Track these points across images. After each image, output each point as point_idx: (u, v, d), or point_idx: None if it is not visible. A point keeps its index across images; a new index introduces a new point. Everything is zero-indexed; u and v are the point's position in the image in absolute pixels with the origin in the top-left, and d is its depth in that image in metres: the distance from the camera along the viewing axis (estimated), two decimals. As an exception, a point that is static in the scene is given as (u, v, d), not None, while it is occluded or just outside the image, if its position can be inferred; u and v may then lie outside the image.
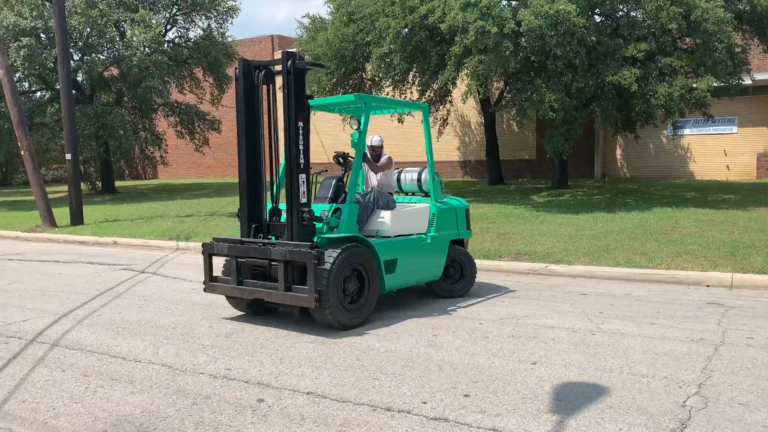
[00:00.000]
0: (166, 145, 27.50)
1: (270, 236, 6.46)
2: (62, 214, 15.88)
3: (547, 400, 4.25)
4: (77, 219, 15.62)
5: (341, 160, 7.28)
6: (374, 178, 7.57)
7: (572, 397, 4.28)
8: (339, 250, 5.98)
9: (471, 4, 13.89)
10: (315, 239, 6.16)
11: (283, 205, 6.41)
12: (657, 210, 13.89)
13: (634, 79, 13.61)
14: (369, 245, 6.41)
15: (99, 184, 26.48)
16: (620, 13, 15.79)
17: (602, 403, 4.16)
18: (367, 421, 3.98)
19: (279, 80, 6.35)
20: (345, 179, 7.24)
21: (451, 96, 20.77)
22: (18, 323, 6.57)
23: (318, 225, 6.28)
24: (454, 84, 16.53)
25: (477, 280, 8.00)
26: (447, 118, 22.22)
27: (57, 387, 4.70)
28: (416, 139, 25.95)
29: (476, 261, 9.61)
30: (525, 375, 4.74)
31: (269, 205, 6.60)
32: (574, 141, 16.52)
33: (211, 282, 6.58)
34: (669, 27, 13.89)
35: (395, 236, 6.92)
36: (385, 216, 6.94)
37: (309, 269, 5.73)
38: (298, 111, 6.12)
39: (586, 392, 4.37)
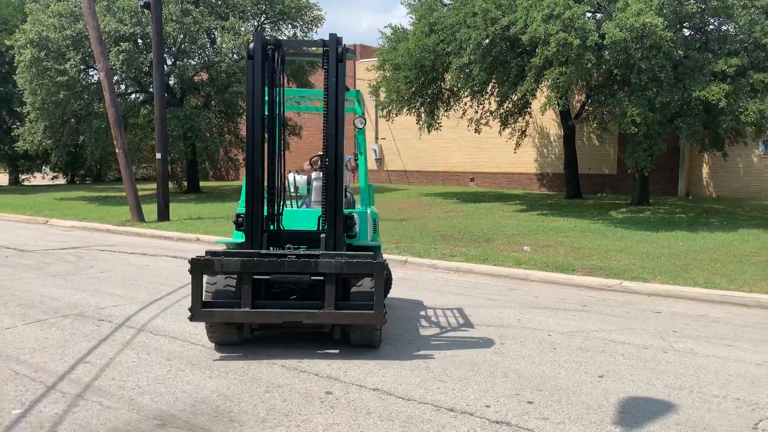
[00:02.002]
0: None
1: (282, 247, 5.64)
2: (150, 210, 16.73)
3: (612, 412, 4.23)
4: (164, 215, 16.44)
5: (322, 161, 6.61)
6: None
7: (638, 412, 4.25)
8: (383, 261, 5.47)
9: (554, 16, 13.80)
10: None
11: (292, 211, 5.98)
12: (743, 231, 13.33)
13: (723, 94, 13.15)
14: (381, 255, 5.81)
15: (185, 183, 27.68)
16: (711, 26, 15.29)
17: (668, 420, 4.12)
18: (430, 419, 4.09)
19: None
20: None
21: (530, 107, 20.61)
22: (109, 308, 7.05)
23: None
24: (533, 95, 16.42)
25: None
26: (525, 130, 22.01)
27: (143, 368, 5.05)
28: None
29: (547, 273, 9.58)
30: (591, 387, 4.73)
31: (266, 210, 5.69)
32: (657, 157, 16.07)
33: (204, 308, 5.16)
34: (763, 42, 13.38)
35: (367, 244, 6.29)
36: (365, 222, 6.33)
37: (377, 283, 5.09)
38: (342, 104, 5.56)
39: (653, 408, 4.33)
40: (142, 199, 17.25)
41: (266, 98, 5.60)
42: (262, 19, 26.55)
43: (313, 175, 6.73)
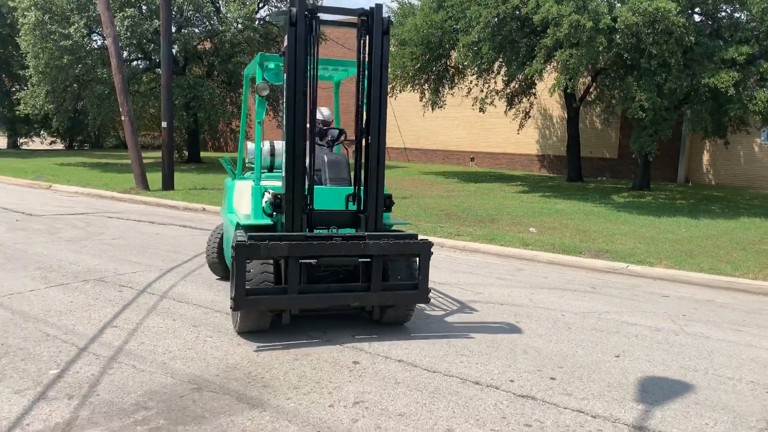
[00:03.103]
0: (251, 120, 28.37)
1: (311, 228, 5.32)
2: (153, 178, 16.74)
3: (632, 390, 4.37)
4: (168, 184, 16.44)
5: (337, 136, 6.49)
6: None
7: (657, 390, 4.40)
8: (428, 241, 5.39)
9: (567, -3, 13.79)
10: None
11: (322, 189, 5.70)
12: (744, 219, 13.50)
13: (732, 82, 13.22)
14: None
15: (185, 152, 27.61)
16: (723, 13, 15.31)
17: (687, 399, 4.26)
18: (457, 391, 4.22)
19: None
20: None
21: (535, 88, 20.61)
22: (128, 274, 7.13)
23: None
24: (540, 76, 16.43)
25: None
26: (529, 111, 22.06)
27: (170, 334, 5.15)
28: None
29: (554, 255, 9.71)
30: (609, 366, 4.87)
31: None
32: (659, 143, 16.18)
33: (249, 296, 4.81)
34: (775, 31, 13.42)
35: None
36: None
37: (423, 263, 5.16)
38: (386, 80, 5.34)
39: (671, 387, 4.48)
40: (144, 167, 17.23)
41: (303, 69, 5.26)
42: (267, -11, 26.31)
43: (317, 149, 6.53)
